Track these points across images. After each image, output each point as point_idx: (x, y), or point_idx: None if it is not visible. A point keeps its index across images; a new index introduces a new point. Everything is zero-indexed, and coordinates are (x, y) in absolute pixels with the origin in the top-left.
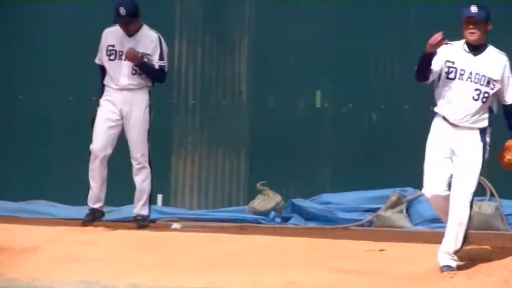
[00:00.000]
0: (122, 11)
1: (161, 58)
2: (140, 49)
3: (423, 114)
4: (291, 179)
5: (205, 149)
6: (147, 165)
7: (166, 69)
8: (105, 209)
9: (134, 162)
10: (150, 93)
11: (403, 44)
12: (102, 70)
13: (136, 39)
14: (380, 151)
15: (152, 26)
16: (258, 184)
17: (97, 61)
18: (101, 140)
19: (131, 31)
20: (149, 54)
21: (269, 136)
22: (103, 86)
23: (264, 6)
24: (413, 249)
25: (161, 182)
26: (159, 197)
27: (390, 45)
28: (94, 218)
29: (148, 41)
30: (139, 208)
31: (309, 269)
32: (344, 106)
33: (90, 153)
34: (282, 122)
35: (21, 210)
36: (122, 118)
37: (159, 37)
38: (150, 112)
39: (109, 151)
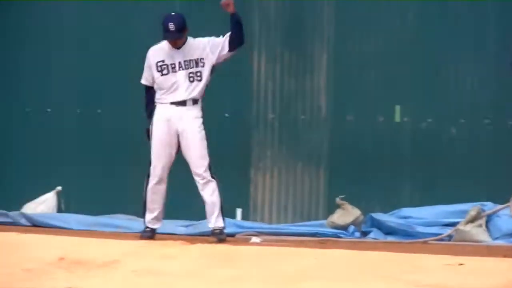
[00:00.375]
0: (172, 26)
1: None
2: (192, 57)
3: (503, 128)
4: (371, 193)
5: (284, 163)
6: (211, 178)
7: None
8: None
9: (198, 178)
10: (203, 108)
11: (483, 58)
12: (148, 91)
13: (185, 50)
14: (459, 165)
15: None
16: (337, 199)
17: (143, 81)
18: (161, 163)
19: (179, 45)
20: (203, 58)
21: (348, 151)
22: (151, 106)
23: (343, 20)
24: (492, 263)
25: (240, 197)
26: (238, 212)
27: (470, 59)
28: (153, 236)
29: (197, 46)
30: (214, 221)
31: (388, 283)
32: (424, 120)
33: (148, 175)
34: (361, 136)
35: (99, 224)
36: (178, 135)
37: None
38: (204, 127)
39: (168, 171)
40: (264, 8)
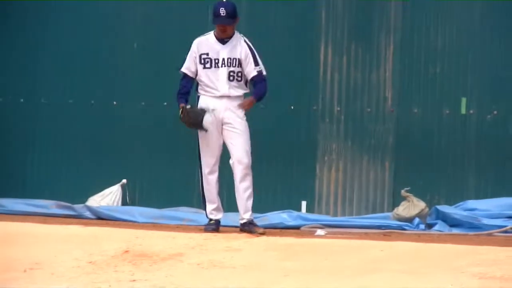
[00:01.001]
0: (223, 11)
1: (256, 63)
2: (236, 55)
3: None
4: (436, 186)
5: (349, 156)
6: (251, 171)
7: (265, 72)
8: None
9: (240, 167)
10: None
11: None
12: (185, 78)
13: (230, 45)
14: None
15: (299, 34)
16: (402, 191)
17: (184, 70)
18: (210, 153)
19: (228, 34)
20: (241, 59)
21: (413, 143)
22: (183, 93)
23: (410, 13)
24: None
25: (305, 189)
26: (303, 204)
27: None
28: (217, 229)
29: (241, 47)
30: (250, 213)
31: (453, 275)
32: (489, 112)
33: (200, 167)
34: (427, 129)
35: (164, 216)
36: (222, 125)
37: (248, 42)
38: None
39: (218, 161)
40: (331, 1)
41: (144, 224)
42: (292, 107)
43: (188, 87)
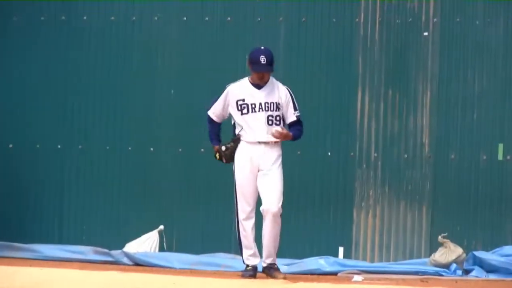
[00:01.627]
0: (263, 59)
1: (295, 108)
2: (273, 99)
3: None
4: (473, 231)
5: (386, 202)
6: (280, 219)
7: (301, 118)
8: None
9: (270, 214)
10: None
11: None
12: (212, 122)
13: (267, 90)
14: None
15: (335, 80)
16: (439, 237)
17: (211, 115)
18: (246, 199)
19: (265, 81)
20: (279, 104)
21: (450, 189)
22: (213, 135)
23: (447, 59)
24: None
25: (342, 235)
26: (341, 250)
27: None
28: (255, 275)
29: (279, 91)
30: (273, 258)
31: None
32: None
33: (237, 213)
34: (464, 175)
35: (201, 263)
36: (258, 171)
37: (287, 87)
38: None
39: (254, 207)
40: (368, 47)
41: (181, 270)
42: (330, 153)
43: (216, 131)
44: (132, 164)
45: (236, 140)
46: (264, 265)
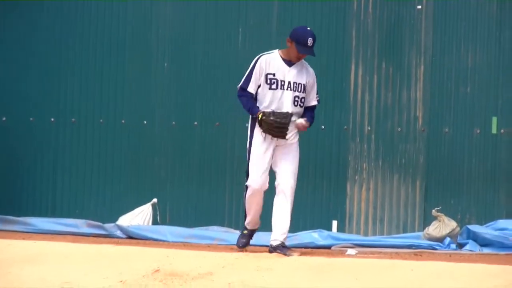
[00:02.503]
0: (310, 42)
1: (317, 91)
2: (302, 80)
3: None
4: (467, 205)
5: (380, 175)
6: (293, 198)
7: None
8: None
9: (285, 190)
10: None
11: None
12: (248, 97)
13: (296, 69)
14: None
15: (329, 54)
16: (433, 210)
17: (251, 90)
18: (261, 178)
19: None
20: (306, 86)
21: (444, 163)
22: (252, 104)
23: (440, 32)
24: None
25: (336, 209)
26: (334, 223)
27: None
28: (248, 243)
29: (308, 74)
30: (286, 236)
31: None
32: None
33: (247, 185)
34: (458, 148)
35: (194, 236)
36: (276, 146)
37: (315, 75)
38: None
39: (267, 181)
40: (361, 20)
41: (174, 243)
42: (323, 127)
43: (253, 100)
44: (125, 137)
45: (288, 115)
46: (276, 243)
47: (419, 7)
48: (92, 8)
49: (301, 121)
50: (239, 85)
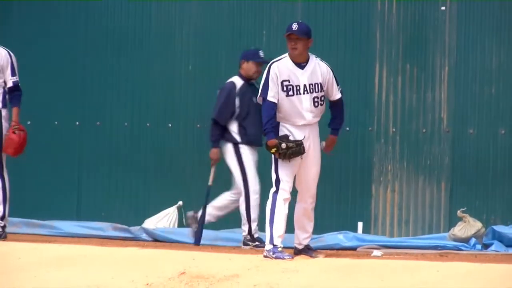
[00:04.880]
0: (295, 26)
1: (338, 83)
2: (317, 80)
3: None
4: (492, 206)
5: (405, 176)
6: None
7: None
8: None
9: (309, 196)
10: None
11: None
12: (271, 110)
13: (309, 70)
14: None
15: (353, 56)
16: (458, 211)
17: (272, 99)
18: (290, 181)
19: (300, 53)
20: (323, 84)
21: (469, 163)
22: (276, 126)
23: (464, 32)
24: None
25: (361, 210)
26: (360, 225)
27: None
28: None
29: (321, 69)
30: (310, 239)
31: None
32: None
33: (276, 191)
34: (483, 149)
35: (220, 238)
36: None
37: (326, 63)
38: None
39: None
40: (385, 22)
41: (200, 245)
42: (348, 128)
43: (274, 120)
44: (150, 140)
45: (300, 143)
46: (301, 247)
47: (443, 8)
48: (116, 8)
49: (323, 145)
50: (258, 96)
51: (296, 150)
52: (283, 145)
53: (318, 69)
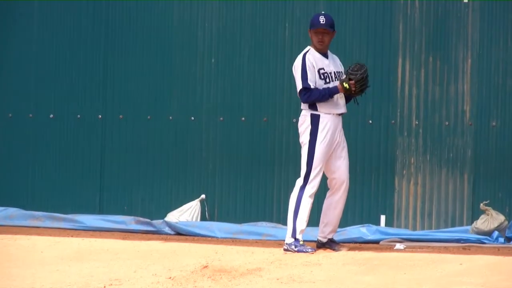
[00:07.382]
0: (322, 19)
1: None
2: (339, 68)
3: None
4: None
5: (428, 169)
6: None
7: None
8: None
9: (343, 187)
10: None
11: None
12: (313, 90)
13: (331, 59)
14: None
15: (376, 48)
16: (481, 204)
17: (312, 84)
18: (321, 174)
19: (326, 45)
20: (342, 72)
21: (492, 156)
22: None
23: (487, 25)
24: None
25: (384, 203)
26: (382, 218)
27: None
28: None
29: (338, 61)
30: (335, 232)
31: None
32: None
33: (305, 184)
34: (506, 142)
35: (243, 231)
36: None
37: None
38: None
39: None
40: (408, 15)
41: (223, 239)
42: (370, 121)
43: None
44: (173, 133)
45: (361, 67)
46: (325, 240)
47: (466, 0)
48: (139, 1)
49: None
50: (300, 88)
51: (363, 73)
52: (351, 78)
53: (336, 59)
